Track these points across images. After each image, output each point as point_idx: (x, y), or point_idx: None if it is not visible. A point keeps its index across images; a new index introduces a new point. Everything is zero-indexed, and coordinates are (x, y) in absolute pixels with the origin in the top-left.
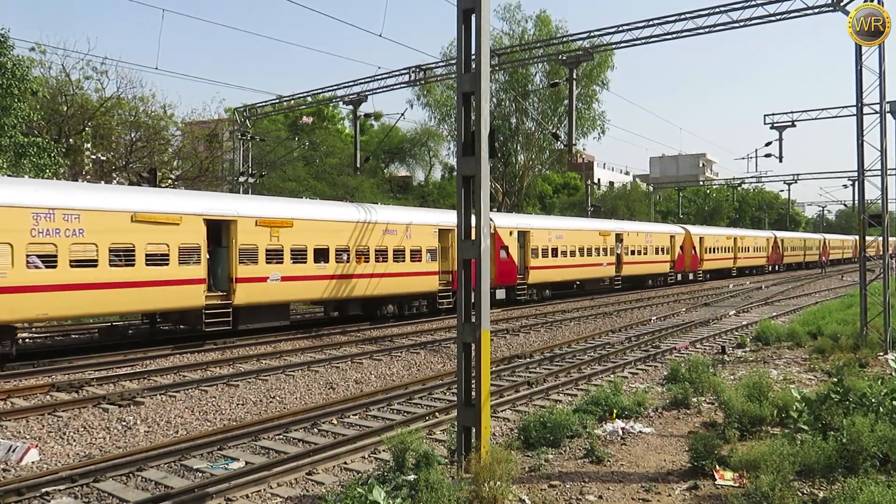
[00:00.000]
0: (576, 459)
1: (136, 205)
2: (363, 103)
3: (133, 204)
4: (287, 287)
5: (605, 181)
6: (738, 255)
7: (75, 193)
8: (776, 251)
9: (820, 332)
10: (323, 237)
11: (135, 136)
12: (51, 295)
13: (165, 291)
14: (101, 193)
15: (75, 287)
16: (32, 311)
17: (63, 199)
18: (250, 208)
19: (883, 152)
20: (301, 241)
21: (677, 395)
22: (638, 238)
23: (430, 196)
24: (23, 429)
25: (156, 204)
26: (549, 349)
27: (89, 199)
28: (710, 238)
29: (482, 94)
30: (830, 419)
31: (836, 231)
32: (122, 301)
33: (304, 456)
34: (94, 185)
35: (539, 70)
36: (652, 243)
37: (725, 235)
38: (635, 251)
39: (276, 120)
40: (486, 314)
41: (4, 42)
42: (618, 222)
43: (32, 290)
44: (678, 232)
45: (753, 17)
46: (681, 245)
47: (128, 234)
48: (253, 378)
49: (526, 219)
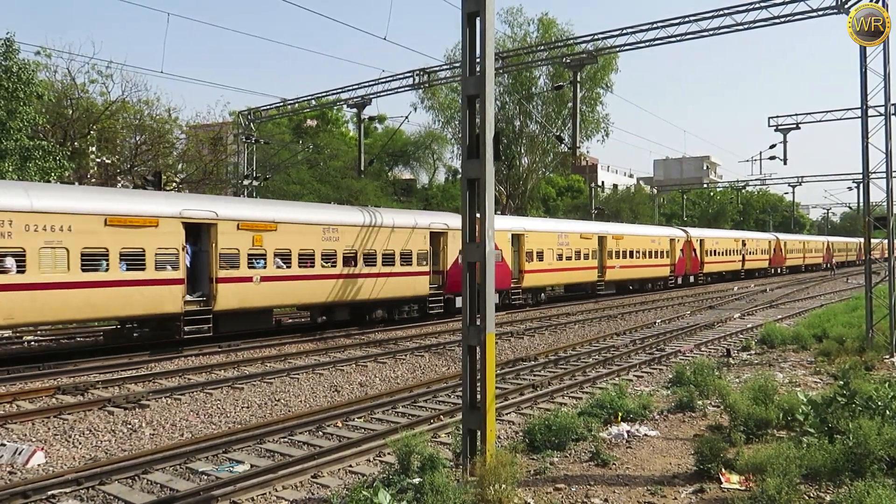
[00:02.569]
0: (581, 463)
1: (109, 207)
2: (367, 106)
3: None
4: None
5: (609, 184)
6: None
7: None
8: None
9: (825, 335)
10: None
11: (139, 139)
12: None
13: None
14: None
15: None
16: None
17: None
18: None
19: (888, 154)
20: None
21: (682, 398)
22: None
23: (434, 199)
24: (28, 432)
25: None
26: (554, 352)
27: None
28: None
29: (487, 97)
30: (837, 422)
31: (840, 234)
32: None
33: (309, 459)
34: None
35: (543, 73)
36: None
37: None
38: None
39: (280, 123)
40: (490, 317)
41: (10, 46)
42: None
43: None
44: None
45: (757, 20)
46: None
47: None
48: (258, 381)
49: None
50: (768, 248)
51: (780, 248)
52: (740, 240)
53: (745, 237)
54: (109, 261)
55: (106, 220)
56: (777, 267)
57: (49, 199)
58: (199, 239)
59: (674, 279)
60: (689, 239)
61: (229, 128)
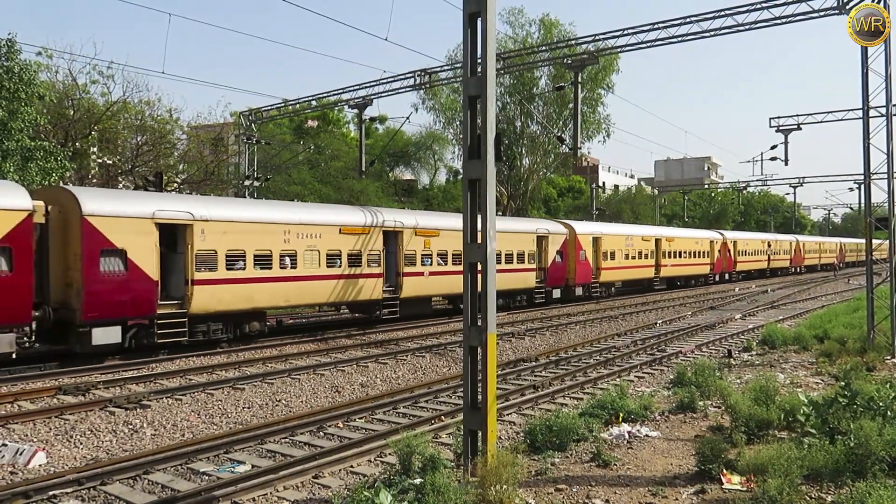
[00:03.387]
0: (582, 463)
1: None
2: (368, 107)
3: (339, 219)
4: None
5: (610, 184)
6: (772, 257)
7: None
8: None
9: (826, 336)
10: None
11: (141, 139)
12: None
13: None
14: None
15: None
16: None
17: (301, 217)
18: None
19: (889, 155)
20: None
21: (684, 398)
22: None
23: (435, 200)
24: (30, 432)
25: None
26: (555, 353)
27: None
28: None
29: (488, 98)
30: (838, 423)
31: (841, 234)
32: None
33: (311, 459)
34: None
35: (544, 74)
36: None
37: (760, 240)
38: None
39: (281, 124)
40: (492, 318)
41: (12, 47)
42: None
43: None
44: (716, 237)
45: (759, 21)
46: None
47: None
48: (259, 381)
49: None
50: (790, 249)
51: (799, 248)
52: (766, 241)
53: (770, 239)
54: (342, 259)
55: (340, 229)
56: (797, 266)
57: (307, 213)
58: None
59: (713, 276)
60: (725, 241)
61: (230, 128)
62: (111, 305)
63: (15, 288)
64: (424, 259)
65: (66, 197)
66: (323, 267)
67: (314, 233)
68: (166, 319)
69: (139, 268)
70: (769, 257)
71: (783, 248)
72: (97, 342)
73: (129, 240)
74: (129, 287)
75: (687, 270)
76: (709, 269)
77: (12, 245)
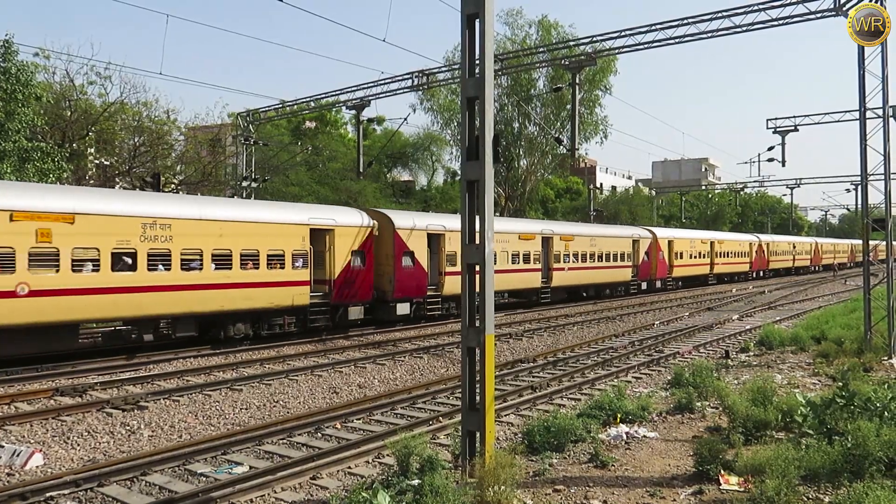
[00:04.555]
0: (580, 464)
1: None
2: (366, 108)
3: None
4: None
5: (608, 185)
6: (796, 257)
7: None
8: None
9: (824, 337)
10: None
11: (138, 140)
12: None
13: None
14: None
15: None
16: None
17: (338, 219)
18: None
19: (886, 156)
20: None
21: (681, 399)
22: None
23: (433, 201)
24: (27, 433)
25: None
26: (553, 353)
27: (349, 219)
28: (773, 244)
29: (486, 99)
30: (835, 424)
31: (838, 236)
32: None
33: (309, 460)
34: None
35: (542, 75)
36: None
37: (787, 242)
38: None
39: (278, 125)
40: (490, 318)
41: (9, 47)
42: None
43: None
44: (754, 240)
45: (756, 22)
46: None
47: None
48: (256, 382)
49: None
50: (810, 250)
51: (818, 250)
52: (791, 243)
53: (795, 241)
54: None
55: (519, 235)
56: (815, 265)
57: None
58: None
59: (752, 273)
60: (760, 243)
61: (228, 129)
62: (407, 289)
63: (367, 277)
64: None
65: (384, 217)
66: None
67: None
68: (431, 299)
69: (420, 263)
70: (794, 257)
71: (805, 249)
72: (400, 313)
73: (415, 244)
74: (416, 276)
75: (733, 268)
76: (748, 266)
77: (365, 249)
